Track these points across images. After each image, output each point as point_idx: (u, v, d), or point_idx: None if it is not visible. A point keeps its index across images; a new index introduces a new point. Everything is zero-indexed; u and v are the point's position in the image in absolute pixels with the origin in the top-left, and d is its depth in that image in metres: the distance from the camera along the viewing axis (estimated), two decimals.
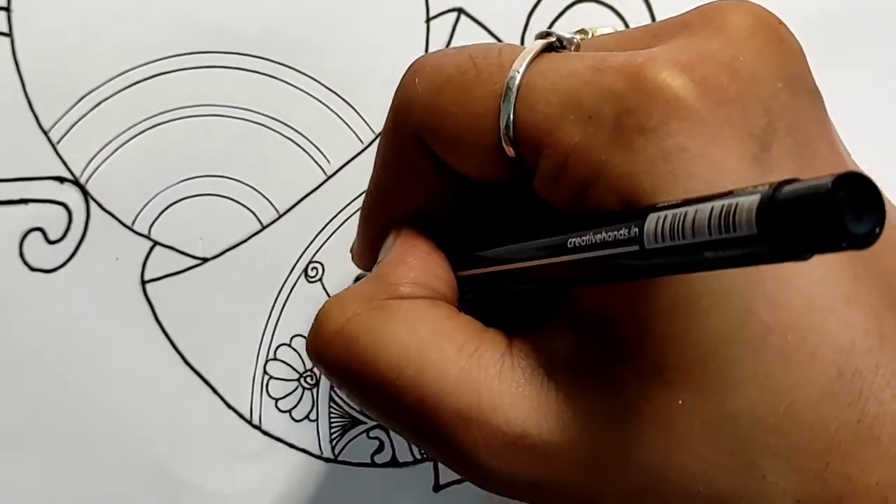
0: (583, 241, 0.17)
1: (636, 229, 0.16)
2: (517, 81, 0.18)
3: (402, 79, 0.21)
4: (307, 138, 0.31)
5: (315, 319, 0.21)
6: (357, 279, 0.30)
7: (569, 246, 0.17)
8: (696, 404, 0.17)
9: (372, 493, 0.31)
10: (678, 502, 0.18)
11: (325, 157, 0.31)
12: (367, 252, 0.24)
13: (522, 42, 0.31)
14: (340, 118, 0.31)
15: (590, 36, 0.21)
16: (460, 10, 0.31)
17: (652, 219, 0.15)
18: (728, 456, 0.17)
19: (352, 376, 0.20)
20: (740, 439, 0.17)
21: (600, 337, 0.18)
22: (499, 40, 0.31)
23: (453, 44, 0.31)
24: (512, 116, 0.18)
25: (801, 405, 0.16)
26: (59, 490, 0.30)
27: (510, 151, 0.19)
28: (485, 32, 0.31)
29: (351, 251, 0.26)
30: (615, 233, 0.16)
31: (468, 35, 0.31)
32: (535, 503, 0.20)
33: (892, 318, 0.17)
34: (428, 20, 0.31)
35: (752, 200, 0.13)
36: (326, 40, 0.31)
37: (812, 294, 0.17)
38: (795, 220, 0.12)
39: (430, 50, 0.31)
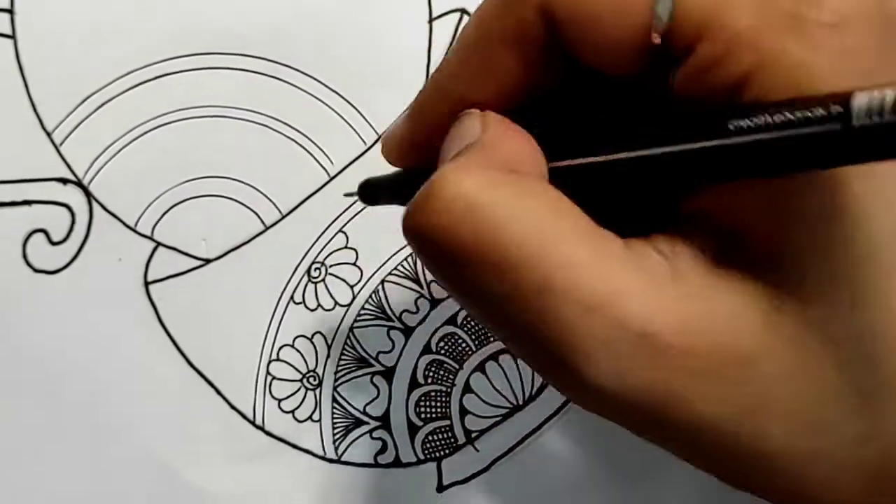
0: (753, 123, 0.15)
1: (838, 107, 0.14)
2: None
3: None
4: (310, 139, 0.31)
5: (425, 187, 0.18)
6: (362, 185, 0.25)
7: (731, 128, 0.16)
8: (826, 322, 0.16)
9: (375, 494, 0.31)
10: (785, 425, 0.17)
11: (328, 157, 0.31)
12: (421, 137, 0.22)
13: None
14: (343, 119, 0.31)
15: None
16: (463, 11, 0.31)
17: (861, 97, 0.14)
18: (847, 380, 0.16)
19: (464, 250, 0.17)
20: (862, 363, 0.16)
21: (730, 246, 0.17)
22: None
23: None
24: None
25: None
26: (62, 491, 0.30)
27: (657, 38, 0.17)
28: None
29: (383, 141, 0.23)
30: (806, 112, 0.15)
31: None
32: (630, 418, 0.18)
33: None
34: (431, 21, 0.31)
35: None
36: (329, 41, 0.31)
37: None
38: None
39: (433, 50, 0.31)
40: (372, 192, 0.25)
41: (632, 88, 0.19)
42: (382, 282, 0.31)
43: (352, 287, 0.31)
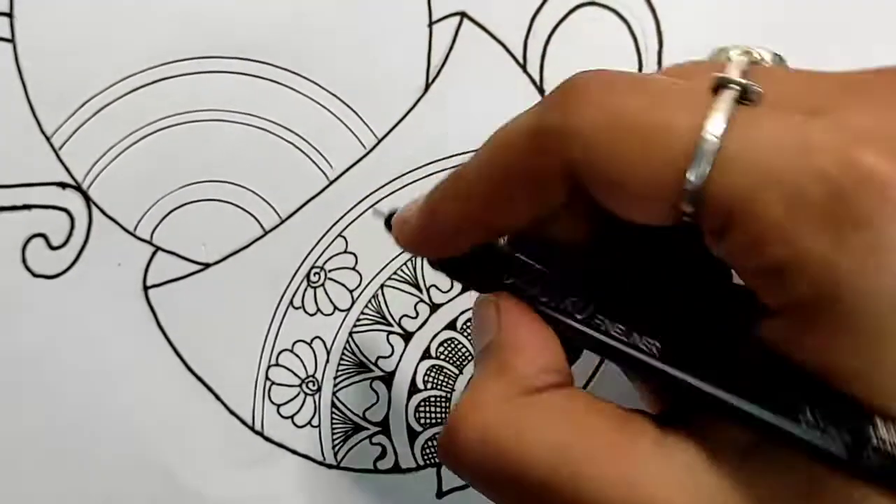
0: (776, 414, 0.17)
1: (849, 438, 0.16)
2: (712, 140, 0.17)
3: (561, 94, 0.19)
4: (309, 143, 0.31)
5: (449, 425, 0.20)
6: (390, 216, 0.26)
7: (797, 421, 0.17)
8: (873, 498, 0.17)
9: (374, 500, 0.31)
10: None
11: (327, 161, 0.31)
12: (433, 238, 0.22)
13: (525, 46, 0.31)
14: (343, 123, 0.31)
15: (759, 60, 0.20)
16: (463, 14, 0.31)
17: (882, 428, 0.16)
18: None
19: (501, 481, 0.19)
20: None
21: None
22: (502, 44, 0.31)
23: (456, 48, 0.31)
24: (704, 177, 0.17)
25: None
26: (61, 495, 0.30)
27: (688, 209, 0.18)
28: (487, 37, 0.31)
29: (391, 220, 0.24)
30: (818, 432, 0.16)
31: (471, 39, 0.31)
32: None
33: None
34: (430, 24, 0.31)
35: None
36: (329, 45, 0.31)
37: None
38: None
39: (433, 54, 0.31)
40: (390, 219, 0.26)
41: (665, 237, 0.19)
42: (382, 286, 0.31)
43: (351, 292, 0.31)
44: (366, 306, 0.31)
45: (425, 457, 0.31)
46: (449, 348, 0.31)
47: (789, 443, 0.17)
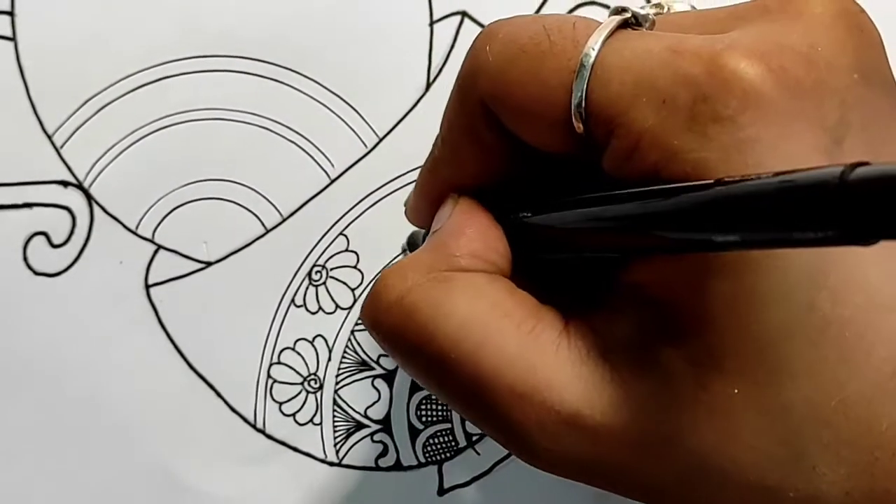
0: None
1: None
2: (591, 59, 0.18)
3: (473, 44, 0.21)
4: (311, 142, 0.31)
5: (372, 287, 0.21)
6: (408, 241, 0.30)
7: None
8: (751, 395, 0.17)
9: (376, 497, 0.31)
10: (728, 490, 0.18)
11: (328, 160, 0.31)
12: (425, 210, 0.24)
13: None
14: (344, 121, 0.31)
15: (665, 10, 0.21)
16: (464, 14, 0.31)
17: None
18: (779, 446, 0.17)
19: (408, 347, 0.20)
20: (792, 430, 0.17)
21: (658, 322, 0.18)
22: None
23: (456, 48, 0.31)
24: (584, 94, 0.18)
25: (854, 400, 0.17)
26: (62, 493, 0.30)
27: (579, 128, 0.19)
28: None
29: (405, 205, 0.26)
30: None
31: (472, 38, 0.31)
32: (585, 482, 0.20)
33: None
34: (431, 24, 0.31)
35: (820, 179, 0.13)
36: (330, 44, 0.31)
37: (873, 291, 0.17)
38: (864, 203, 0.12)
39: (434, 53, 0.31)
40: (413, 245, 0.30)
41: (579, 164, 0.20)
42: None
43: (353, 290, 0.31)
44: None
45: (427, 454, 0.31)
46: None
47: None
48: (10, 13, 0.30)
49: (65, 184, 0.30)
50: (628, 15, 0.19)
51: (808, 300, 0.17)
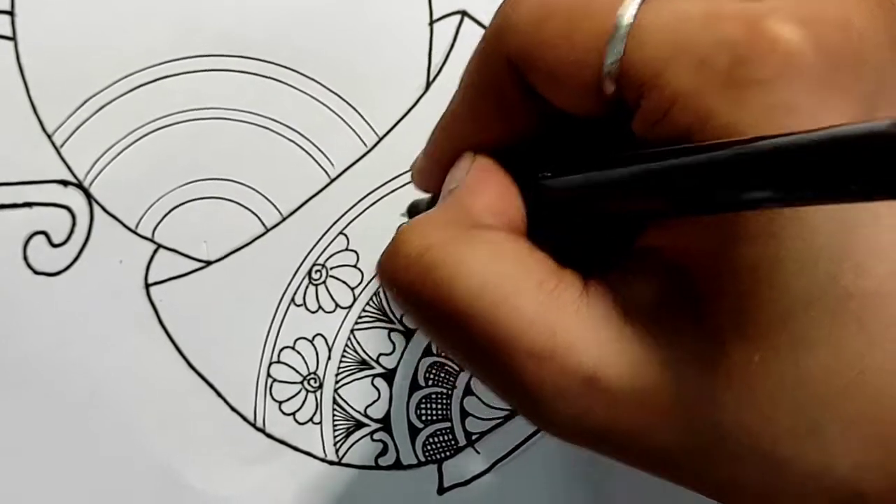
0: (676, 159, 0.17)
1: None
2: (627, 20, 0.18)
3: (503, 3, 0.20)
4: (311, 141, 0.31)
5: (392, 242, 0.20)
6: (408, 210, 0.29)
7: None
8: (770, 363, 0.17)
9: (376, 496, 0.31)
10: (740, 459, 0.18)
11: (328, 159, 0.31)
12: (436, 171, 0.23)
13: None
14: (344, 121, 0.31)
15: None
16: (464, 13, 0.31)
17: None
18: (796, 417, 0.17)
19: (426, 303, 0.19)
20: (810, 401, 0.17)
21: (679, 286, 0.18)
22: None
23: (456, 48, 0.31)
24: (620, 55, 0.18)
25: (872, 373, 0.17)
26: (62, 493, 0.30)
27: (610, 89, 0.18)
28: None
29: (411, 169, 0.26)
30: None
31: (472, 38, 0.31)
32: (597, 450, 0.19)
33: None
34: (431, 23, 0.31)
35: (871, 131, 0.13)
36: (330, 43, 0.31)
37: None
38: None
39: (434, 53, 0.31)
40: (415, 214, 0.28)
41: (604, 127, 0.20)
42: None
43: (352, 289, 0.31)
44: (367, 303, 0.31)
45: (426, 453, 0.31)
46: None
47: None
48: (10, 13, 0.30)
49: (65, 183, 0.30)
50: None
51: (832, 270, 0.17)
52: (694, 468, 0.18)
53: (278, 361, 0.31)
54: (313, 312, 0.31)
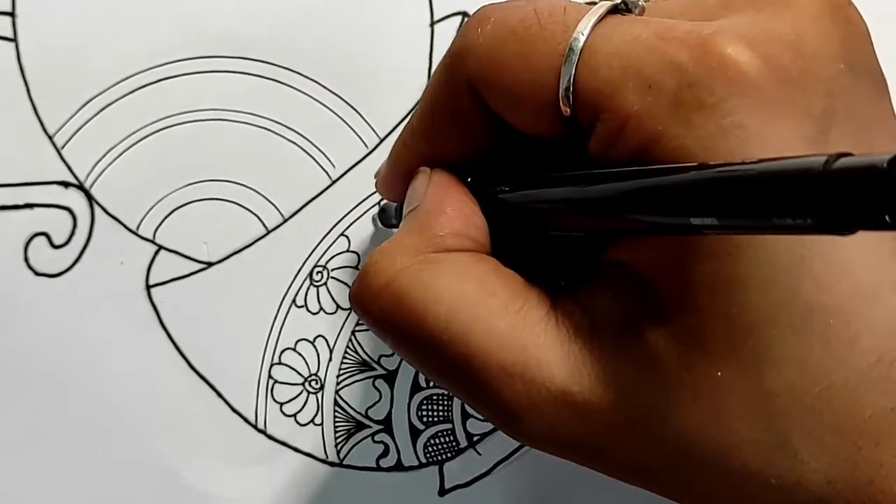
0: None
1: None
2: (581, 44, 0.18)
3: (464, 25, 0.21)
4: (312, 142, 0.31)
5: (361, 272, 0.21)
6: (379, 214, 0.30)
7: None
8: (734, 378, 0.17)
9: (377, 497, 0.31)
10: (711, 474, 0.18)
11: (329, 161, 0.31)
12: (398, 182, 0.24)
13: None
14: (345, 122, 0.31)
15: None
16: (464, 14, 0.31)
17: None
18: (762, 432, 0.17)
19: (399, 330, 0.20)
20: (776, 417, 0.17)
21: (643, 300, 0.19)
22: None
23: None
24: (573, 78, 0.18)
25: (838, 388, 0.17)
26: (62, 493, 0.30)
27: (566, 111, 0.19)
28: None
29: (376, 177, 0.26)
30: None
31: None
32: (574, 461, 0.20)
33: None
34: (432, 24, 0.31)
35: (804, 168, 0.13)
36: (331, 44, 0.31)
37: (858, 279, 0.17)
38: (846, 193, 0.12)
39: (435, 54, 0.31)
40: (385, 217, 0.30)
41: (563, 147, 0.21)
42: None
43: None
44: None
45: (428, 455, 0.31)
46: None
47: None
48: (11, 14, 0.30)
49: (66, 184, 0.30)
50: (618, 1, 0.20)
51: (792, 286, 0.17)
52: (666, 479, 0.19)
53: (279, 363, 0.31)
54: (314, 314, 0.31)
